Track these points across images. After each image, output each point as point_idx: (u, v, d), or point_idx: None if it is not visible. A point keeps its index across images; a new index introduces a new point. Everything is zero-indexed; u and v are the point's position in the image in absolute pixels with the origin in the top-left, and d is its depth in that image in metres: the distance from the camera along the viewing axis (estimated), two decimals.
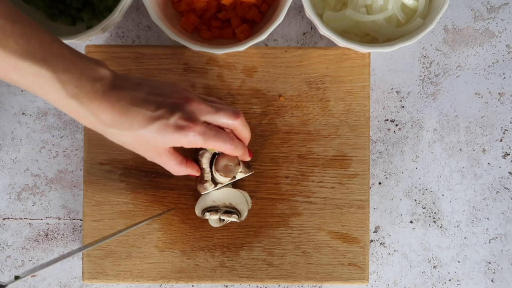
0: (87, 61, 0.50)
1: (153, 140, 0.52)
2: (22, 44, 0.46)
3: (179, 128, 0.51)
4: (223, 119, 0.56)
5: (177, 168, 0.58)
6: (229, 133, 0.57)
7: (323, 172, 0.67)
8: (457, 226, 0.71)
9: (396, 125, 0.72)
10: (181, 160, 0.58)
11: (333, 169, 0.67)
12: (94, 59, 0.51)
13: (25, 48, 0.46)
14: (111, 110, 0.50)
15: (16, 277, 0.48)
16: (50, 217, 0.72)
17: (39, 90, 0.48)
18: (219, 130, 0.55)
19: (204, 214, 0.65)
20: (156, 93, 0.52)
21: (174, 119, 0.51)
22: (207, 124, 0.55)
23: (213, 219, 0.65)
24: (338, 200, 0.67)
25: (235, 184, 0.66)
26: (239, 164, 0.63)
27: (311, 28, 0.72)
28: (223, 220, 0.65)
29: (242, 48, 0.63)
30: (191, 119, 0.52)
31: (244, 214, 0.65)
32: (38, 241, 0.72)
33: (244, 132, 0.59)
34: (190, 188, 0.67)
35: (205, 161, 0.62)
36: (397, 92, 0.72)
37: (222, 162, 0.62)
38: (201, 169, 0.62)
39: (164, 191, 0.67)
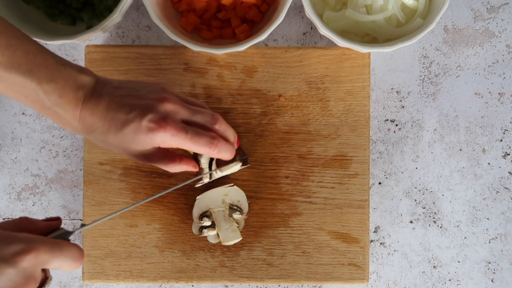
0: (71, 69, 0.51)
1: (131, 142, 0.52)
2: (8, 56, 0.48)
3: (150, 129, 0.51)
4: (200, 122, 0.55)
5: (170, 166, 0.57)
6: (212, 135, 0.54)
7: (323, 172, 0.67)
8: (457, 226, 0.71)
9: (396, 125, 0.72)
10: (173, 158, 0.57)
11: (333, 169, 0.67)
12: (77, 66, 0.52)
13: (11, 60, 0.48)
14: (91, 116, 0.51)
15: (83, 225, 0.52)
16: None
17: (24, 100, 0.50)
18: (199, 132, 0.54)
19: (201, 231, 0.64)
20: (132, 95, 0.53)
21: (146, 120, 0.51)
22: (187, 123, 0.53)
23: (211, 235, 0.65)
24: (338, 200, 0.67)
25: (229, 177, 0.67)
26: (240, 161, 0.63)
27: (311, 28, 0.72)
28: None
29: (242, 48, 0.63)
30: (163, 119, 0.52)
31: (246, 209, 0.65)
32: None
33: (226, 135, 0.57)
34: (190, 188, 0.67)
35: (204, 161, 0.62)
36: (397, 92, 0.72)
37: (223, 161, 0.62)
38: (200, 169, 0.62)
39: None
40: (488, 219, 0.72)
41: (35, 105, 0.50)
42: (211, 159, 0.63)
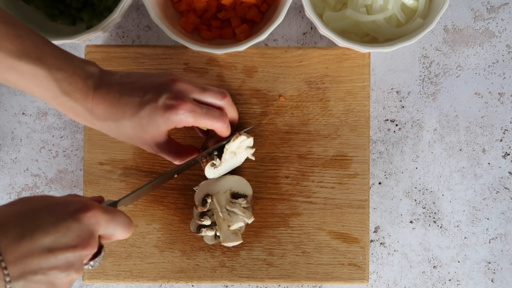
0: (77, 60, 0.52)
1: (147, 125, 0.53)
2: (17, 45, 0.48)
3: (168, 107, 0.52)
4: (210, 99, 0.56)
5: (178, 155, 0.59)
6: (220, 111, 0.57)
7: (323, 172, 0.67)
8: (457, 226, 0.71)
9: (396, 125, 0.72)
10: (179, 146, 0.59)
11: (333, 169, 0.67)
12: (82, 59, 0.53)
13: (20, 48, 0.48)
14: (103, 103, 0.52)
15: (125, 196, 0.54)
16: None
17: (35, 89, 0.50)
18: (210, 108, 0.56)
19: (199, 230, 0.64)
20: (142, 80, 0.54)
21: (162, 100, 0.52)
22: (197, 102, 0.55)
23: (208, 235, 0.64)
24: (338, 200, 0.67)
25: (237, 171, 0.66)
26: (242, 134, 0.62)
27: (311, 28, 0.72)
28: (219, 237, 0.64)
29: (242, 48, 0.63)
30: (179, 97, 0.53)
31: (250, 194, 0.64)
32: None
33: (232, 112, 0.60)
34: (190, 188, 0.67)
35: (215, 153, 0.61)
36: (397, 92, 0.72)
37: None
38: (211, 155, 0.61)
39: (164, 191, 0.67)
40: (488, 219, 0.72)
41: (46, 94, 0.50)
42: (219, 151, 0.62)
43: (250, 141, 0.63)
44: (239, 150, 0.63)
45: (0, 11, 0.49)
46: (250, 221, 0.63)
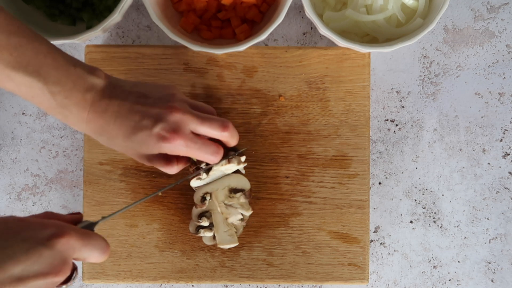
0: (81, 70, 0.51)
1: (138, 148, 0.53)
2: (16, 56, 0.48)
3: (162, 138, 0.52)
4: (209, 130, 0.55)
5: (170, 169, 0.58)
6: (216, 145, 0.56)
7: (323, 172, 0.67)
8: (457, 226, 0.71)
9: (396, 125, 0.72)
10: (171, 161, 0.58)
11: (333, 169, 0.67)
12: (89, 66, 0.52)
13: (19, 60, 0.48)
14: (99, 119, 0.52)
15: (103, 217, 0.53)
16: None
17: (32, 99, 0.50)
18: (205, 142, 0.55)
19: (198, 231, 0.64)
20: (142, 102, 0.53)
21: (157, 129, 0.52)
22: (194, 134, 0.54)
23: (207, 236, 0.64)
24: (338, 200, 0.67)
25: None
26: (232, 157, 0.62)
27: (311, 28, 0.72)
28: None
29: (242, 48, 0.63)
30: (173, 130, 0.52)
31: (248, 188, 0.64)
32: None
33: (232, 142, 0.59)
34: (190, 188, 0.67)
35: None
36: (397, 92, 0.72)
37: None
38: (199, 168, 0.61)
39: (164, 191, 0.67)
40: (488, 219, 0.72)
41: (42, 105, 0.51)
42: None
43: (242, 164, 0.63)
44: (228, 170, 0.63)
45: (6, 18, 0.48)
46: (248, 213, 0.63)
